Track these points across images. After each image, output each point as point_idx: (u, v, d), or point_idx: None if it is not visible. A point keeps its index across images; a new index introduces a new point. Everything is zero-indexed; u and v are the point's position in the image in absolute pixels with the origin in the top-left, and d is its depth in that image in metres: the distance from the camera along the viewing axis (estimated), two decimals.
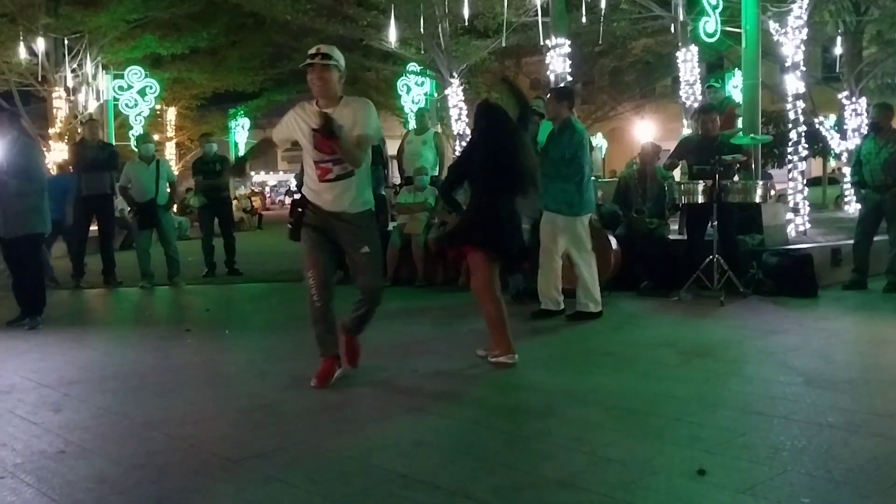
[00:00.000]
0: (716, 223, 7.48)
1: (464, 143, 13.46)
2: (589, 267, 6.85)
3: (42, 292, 7.46)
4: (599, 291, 6.94)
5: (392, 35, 15.46)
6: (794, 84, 11.05)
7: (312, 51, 4.68)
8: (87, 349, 6.40)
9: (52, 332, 7.06)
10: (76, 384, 5.04)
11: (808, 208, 11.16)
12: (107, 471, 3.45)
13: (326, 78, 4.61)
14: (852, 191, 12.34)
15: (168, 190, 10.20)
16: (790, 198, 11.11)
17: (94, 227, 10.32)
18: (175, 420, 4.19)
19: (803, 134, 11.32)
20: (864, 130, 16.34)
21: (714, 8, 11.27)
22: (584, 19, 14.33)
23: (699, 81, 13.10)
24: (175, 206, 11.64)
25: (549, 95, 7.30)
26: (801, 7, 11.14)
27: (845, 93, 17.37)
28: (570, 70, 12.00)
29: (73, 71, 20.44)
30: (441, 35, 17.22)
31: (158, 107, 24.24)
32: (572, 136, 6.71)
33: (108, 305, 9.19)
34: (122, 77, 21.17)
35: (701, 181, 7.51)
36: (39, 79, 20.18)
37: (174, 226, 10.95)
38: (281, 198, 45.52)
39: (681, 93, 13.28)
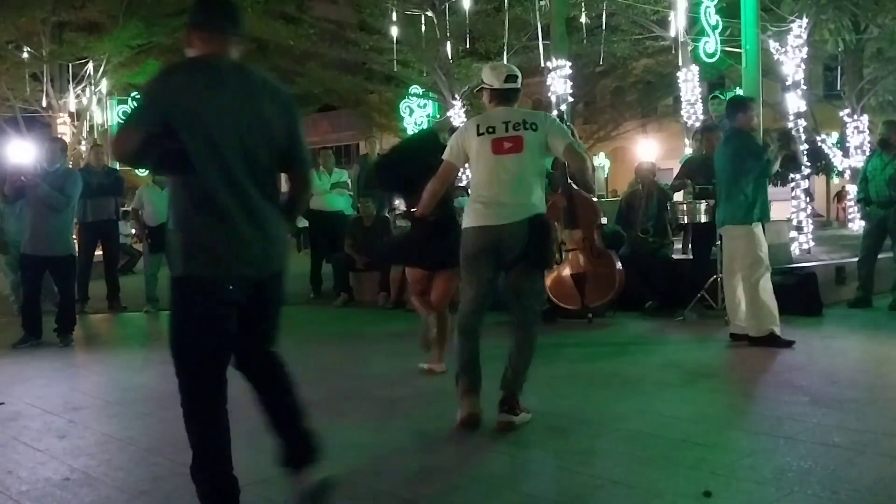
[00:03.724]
0: (719, 242, 7.47)
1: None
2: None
3: (74, 313, 7.88)
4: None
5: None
6: (795, 102, 11.09)
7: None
8: (92, 374, 6.41)
9: (56, 357, 7.05)
10: (81, 410, 5.04)
11: (811, 226, 11.17)
12: (112, 497, 3.44)
13: None
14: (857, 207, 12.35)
15: None
16: (793, 216, 11.11)
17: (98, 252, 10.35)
18: (180, 446, 4.14)
19: (805, 152, 11.34)
20: (867, 148, 16.43)
21: (714, 28, 11.34)
22: (584, 41, 14.42)
23: (700, 101, 13.18)
24: None
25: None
26: (800, 26, 11.22)
27: (847, 110, 17.45)
28: (571, 90, 12.07)
29: (77, 97, 20.59)
30: (443, 58, 17.34)
31: None
32: None
33: (112, 330, 9.19)
34: (126, 102, 21.31)
35: (704, 201, 7.53)
36: (44, 105, 20.34)
37: None
38: None
39: (682, 112, 13.37)
